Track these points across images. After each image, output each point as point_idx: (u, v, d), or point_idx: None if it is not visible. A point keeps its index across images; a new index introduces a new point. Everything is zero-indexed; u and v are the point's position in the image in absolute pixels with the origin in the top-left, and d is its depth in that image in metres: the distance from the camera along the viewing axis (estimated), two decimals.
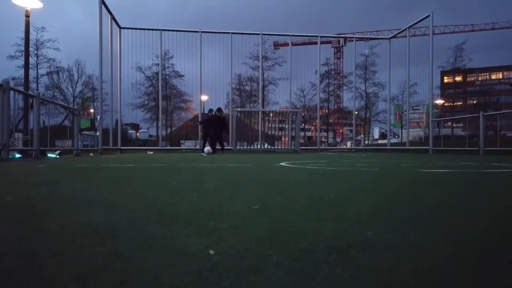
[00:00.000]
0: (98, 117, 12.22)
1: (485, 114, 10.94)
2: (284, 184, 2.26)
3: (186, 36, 15.63)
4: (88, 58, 34.43)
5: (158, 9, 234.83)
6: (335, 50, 73.25)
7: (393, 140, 33.56)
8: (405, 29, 15.48)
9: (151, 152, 13.43)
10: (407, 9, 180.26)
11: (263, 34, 15.99)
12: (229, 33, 15.49)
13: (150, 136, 51.72)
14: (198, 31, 15.30)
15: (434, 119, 13.84)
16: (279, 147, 15.64)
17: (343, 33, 74.98)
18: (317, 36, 16.17)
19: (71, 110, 9.55)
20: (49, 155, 8.54)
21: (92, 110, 37.37)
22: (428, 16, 13.54)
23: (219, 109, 11.91)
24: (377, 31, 72.79)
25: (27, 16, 12.81)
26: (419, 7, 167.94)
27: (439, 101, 42.24)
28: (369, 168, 4.05)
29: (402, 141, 27.76)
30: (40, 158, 7.31)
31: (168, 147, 16.26)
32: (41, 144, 7.74)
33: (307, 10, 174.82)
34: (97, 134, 11.84)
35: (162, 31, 15.24)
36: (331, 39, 39.54)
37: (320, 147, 16.51)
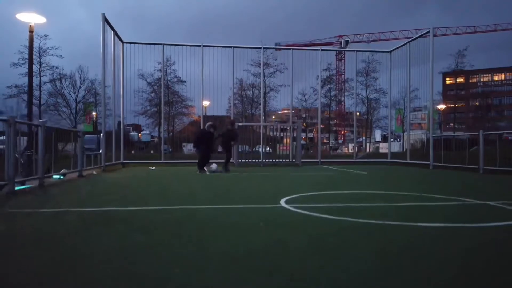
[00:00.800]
0: (101, 135, 12.36)
1: (485, 133, 11.03)
2: None
3: (188, 40, 15.87)
4: (90, 60, 34.65)
5: (160, 10, 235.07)
6: (337, 52, 73.11)
7: (394, 146, 33.63)
8: (406, 44, 15.56)
9: (153, 168, 13.57)
10: (409, 9, 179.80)
11: (264, 47, 16.16)
12: (230, 47, 15.65)
13: (152, 137, 51.95)
14: (200, 45, 15.45)
15: (434, 135, 13.92)
16: (281, 160, 15.71)
17: (344, 34, 75.04)
18: (318, 50, 16.31)
19: (74, 132, 9.68)
20: (54, 176, 8.65)
21: (94, 113, 37.72)
22: (428, 31, 13.63)
23: (211, 125, 11.64)
24: (379, 32, 72.79)
25: (31, 31, 12.91)
26: (421, 7, 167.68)
27: (441, 106, 42.23)
28: (376, 219, 4.09)
29: (404, 148, 27.76)
30: (44, 186, 7.41)
31: (170, 160, 16.36)
32: (45, 165, 7.82)
33: (309, 10, 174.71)
34: (100, 151, 11.97)
35: (165, 46, 15.43)
36: (332, 50, 39.55)
37: (321, 160, 16.55)
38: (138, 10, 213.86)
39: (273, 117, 58.37)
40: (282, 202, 5.35)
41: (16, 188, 6.60)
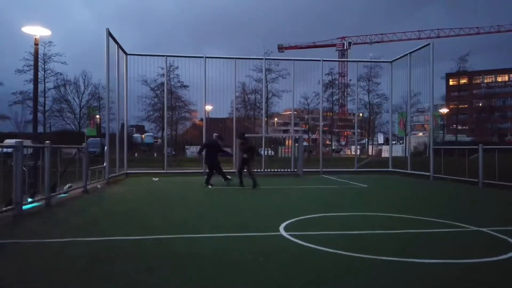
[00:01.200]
0: (106, 147, 12.58)
1: (484, 147, 11.15)
2: None
3: (190, 41, 16.12)
4: (93, 60, 34.87)
5: (163, 11, 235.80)
6: (340, 54, 73.24)
7: (397, 150, 33.58)
8: (406, 55, 15.68)
9: (157, 179, 13.78)
10: (411, 11, 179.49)
11: (266, 58, 16.37)
12: (232, 58, 15.85)
13: (155, 138, 52.20)
14: (202, 57, 15.66)
15: (434, 146, 14.04)
16: (282, 170, 15.85)
17: (347, 36, 75.00)
18: (320, 60, 16.45)
19: (79, 149, 9.91)
20: (60, 195, 8.81)
21: (97, 117, 38.04)
22: (428, 44, 13.76)
23: (218, 137, 11.90)
24: (382, 34, 72.78)
25: (36, 44, 13.12)
26: (424, 9, 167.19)
27: (444, 110, 42.23)
28: (369, 253, 4.22)
29: (406, 152, 27.76)
30: (50, 206, 7.61)
31: (173, 170, 16.55)
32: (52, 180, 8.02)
33: (311, 11, 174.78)
34: (104, 165, 12.19)
35: (168, 57, 15.66)
36: (334, 60, 39.62)
37: (323, 170, 16.67)
38: (140, 10, 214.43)
39: (276, 119, 58.49)
40: (282, 228, 5.51)
41: (24, 207, 6.79)
